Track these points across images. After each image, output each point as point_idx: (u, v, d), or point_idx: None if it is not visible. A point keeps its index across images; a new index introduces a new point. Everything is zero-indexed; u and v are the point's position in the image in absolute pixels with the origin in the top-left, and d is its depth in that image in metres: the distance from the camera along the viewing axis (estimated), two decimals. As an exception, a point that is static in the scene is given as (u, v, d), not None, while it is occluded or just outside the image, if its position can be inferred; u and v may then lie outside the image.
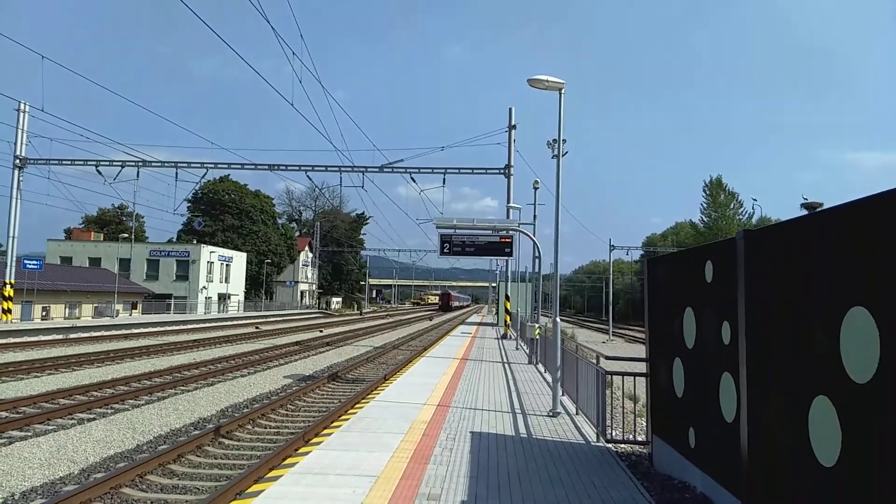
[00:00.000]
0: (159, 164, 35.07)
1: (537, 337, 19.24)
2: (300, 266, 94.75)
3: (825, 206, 4.70)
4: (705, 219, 68.03)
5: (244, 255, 76.75)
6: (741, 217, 64.32)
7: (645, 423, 9.00)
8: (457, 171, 33.99)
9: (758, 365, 4.73)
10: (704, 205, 68.07)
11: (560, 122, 12.63)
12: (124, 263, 60.30)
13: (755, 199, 78.31)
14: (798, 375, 4.10)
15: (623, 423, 10.99)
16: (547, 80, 11.79)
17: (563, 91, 12.10)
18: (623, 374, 9.37)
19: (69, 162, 35.30)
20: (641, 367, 8.73)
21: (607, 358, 9.45)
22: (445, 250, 15.88)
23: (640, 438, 9.55)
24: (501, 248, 16.80)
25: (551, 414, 10.65)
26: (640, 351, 9.20)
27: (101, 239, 69.71)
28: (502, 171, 31.57)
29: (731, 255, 5.25)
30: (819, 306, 3.88)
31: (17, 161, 34.65)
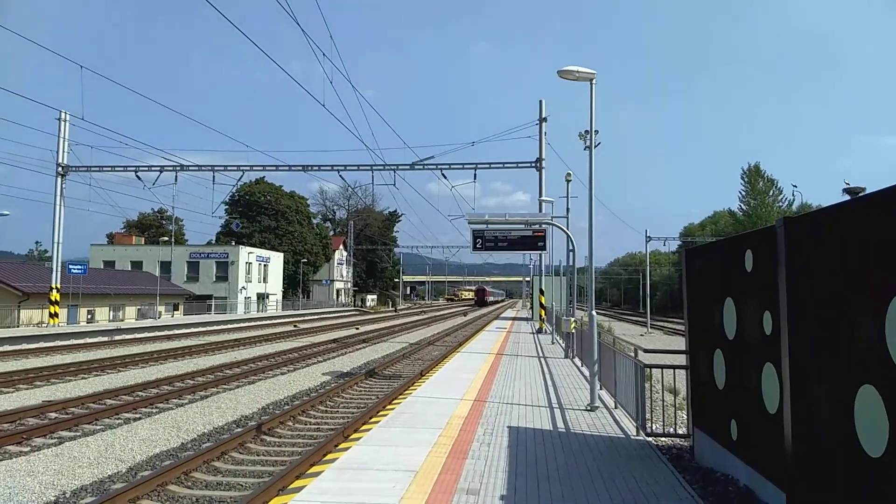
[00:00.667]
0: (196, 168, 35.70)
1: (573, 331, 19.11)
2: (335, 265, 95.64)
3: (867, 191, 4.57)
4: (744, 207, 66.69)
5: (281, 255, 77.79)
6: (781, 204, 62.89)
7: (685, 416, 8.89)
8: (487, 165, 33.88)
9: (801, 355, 4.63)
10: (743, 192, 66.78)
11: (592, 113, 12.50)
12: (165, 266, 61.51)
13: (795, 186, 76.57)
14: (843, 365, 4.00)
15: (663, 416, 10.87)
16: (578, 71, 11.67)
17: (594, 82, 11.96)
18: (662, 366, 9.26)
19: (109, 168, 36.13)
20: (681, 360, 8.62)
21: (646, 351, 9.34)
22: (478, 246, 15.83)
23: (680, 431, 9.43)
24: (534, 242, 16.68)
25: (589, 408, 10.57)
26: (679, 343, 9.08)
27: (143, 242, 71.37)
28: (533, 164, 31.35)
29: (772, 243, 5.14)
30: (863, 294, 3.78)
31: (60, 169, 35.62)
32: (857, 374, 3.77)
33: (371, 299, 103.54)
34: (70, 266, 39.84)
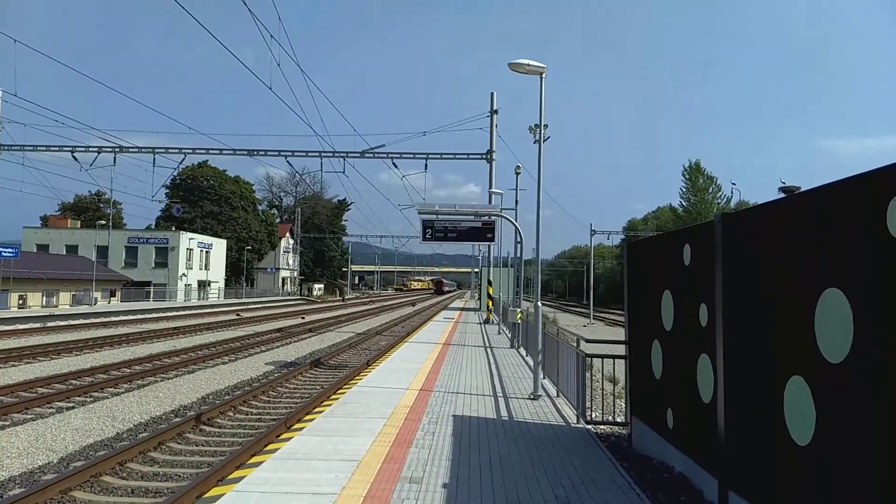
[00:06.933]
0: (136, 149, 34.51)
1: (519, 321, 19.34)
2: (281, 253, 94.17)
3: (802, 190, 4.74)
4: (685, 203, 68.55)
5: (224, 241, 76.07)
6: (720, 201, 64.88)
7: (624, 405, 9.10)
8: (439, 156, 33.84)
9: (734, 346, 4.79)
10: (684, 189, 68.62)
11: (541, 107, 12.60)
12: (102, 251, 59.48)
13: (734, 184, 79.16)
14: (773, 356, 4.16)
15: (603, 405, 11.11)
16: (528, 65, 11.73)
17: (543, 76, 12.05)
18: (603, 356, 9.45)
19: (44, 148, 34.60)
20: (621, 350, 8.82)
21: (587, 341, 9.52)
22: (428, 236, 15.81)
23: (619, 420, 9.66)
24: (483, 233, 16.78)
25: (532, 397, 10.73)
26: (620, 334, 9.26)
27: (79, 226, 68.64)
28: (484, 156, 31.49)
29: (709, 238, 5.30)
30: (794, 288, 3.93)
31: (-10, 147, 33.92)
32: (787, 366, 3.93)
33: (318, 288, 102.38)
34: (1, 249, 38.09)
